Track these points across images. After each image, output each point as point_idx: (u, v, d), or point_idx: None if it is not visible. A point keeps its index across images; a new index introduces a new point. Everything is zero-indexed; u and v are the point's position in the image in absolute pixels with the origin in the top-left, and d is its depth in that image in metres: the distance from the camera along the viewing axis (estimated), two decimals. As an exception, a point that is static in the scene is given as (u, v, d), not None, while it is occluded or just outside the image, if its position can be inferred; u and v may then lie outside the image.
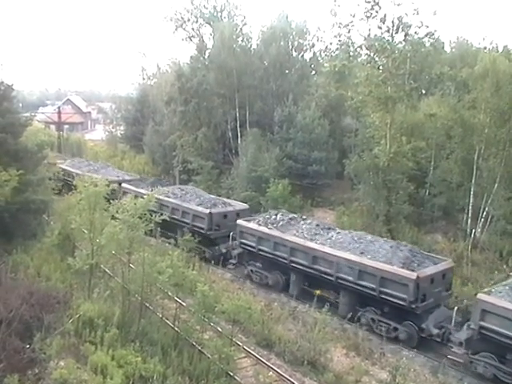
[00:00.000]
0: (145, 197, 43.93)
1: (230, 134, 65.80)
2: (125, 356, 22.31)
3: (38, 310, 23.31)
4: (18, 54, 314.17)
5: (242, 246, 39.97)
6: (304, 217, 40.91)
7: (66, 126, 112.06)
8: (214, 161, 62.56)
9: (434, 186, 48.29)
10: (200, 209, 43.80)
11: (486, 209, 43.72)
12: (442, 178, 47.51)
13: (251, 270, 39.57)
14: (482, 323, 26.08)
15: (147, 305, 28.31)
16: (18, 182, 33.37)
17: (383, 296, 30.26)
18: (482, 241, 43.30)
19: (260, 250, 38.03)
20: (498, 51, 59.01)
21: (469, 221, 45.07)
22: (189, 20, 71.17)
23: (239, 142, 63.29)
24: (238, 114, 64.03)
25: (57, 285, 29.12)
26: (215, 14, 70.78)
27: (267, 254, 37.50)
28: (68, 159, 73.08)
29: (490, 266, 38.39)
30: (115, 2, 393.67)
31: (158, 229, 42.11)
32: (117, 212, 27.14)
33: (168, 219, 43.64)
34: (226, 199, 48.71)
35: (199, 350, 25.62)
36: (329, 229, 37.57)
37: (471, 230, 44.34)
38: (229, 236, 41.83)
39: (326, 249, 33.67)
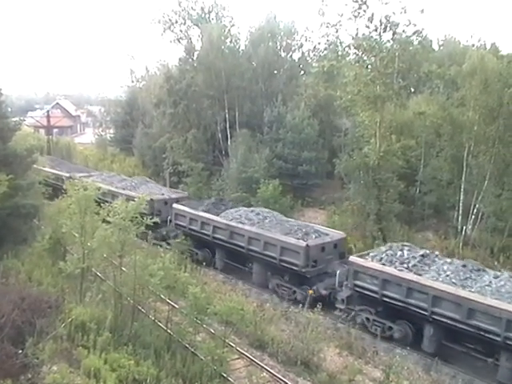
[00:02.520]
0: (210, 222, 41.64)
1: (220, 135, 65.66)
2: (118, 359, 22.27)
3: (29, 314, 23.21)
4: (6, 58, 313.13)
5: (357, 289, 31.38)
6: (437, 253, 33.63)
7: (56, 130, 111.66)
8: (204, 162, 62.43)
9: (425, 184, 48.42)
10: (293, 240, 35.33)
11: (477, 206, 43.90)
12: (432, 175, 47.65)
13: (367, 319, 31.35)
14: None
15: (139, 308, 28.21)
16: (8, 186, 33.27)
17: None
18: (472, 238, 43.50)
19: (384, 295, 29.76)
20: (485, 48, 59.31)
21: (459, 218, 45.22)
22: (177, 22, 71.07)
23: (229, 143, 63.14)
24: (227, 115, 63.95)
25: (48, 289, 29.01)
26: (203, 16, 70.67)
27: (395, 302, 29.35)
28: (95, 173, 64.94)
29: (482, 262, 38.37)
30: (103, 5, 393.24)
31: (224, 259, 41.93)
32: (108, 215, 27.07)
33: (231, 246, 40.14)
34: (314, 225, 41.05)
35: (192, 352, 25.60)
36: (478, 270, 29.95)
37: (462, 228, 44.52)
38: (326, 273, 35.27)
39: (491, 301, 26.09)
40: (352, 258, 32.09)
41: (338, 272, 33.50)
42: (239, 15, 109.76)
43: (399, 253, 32.02)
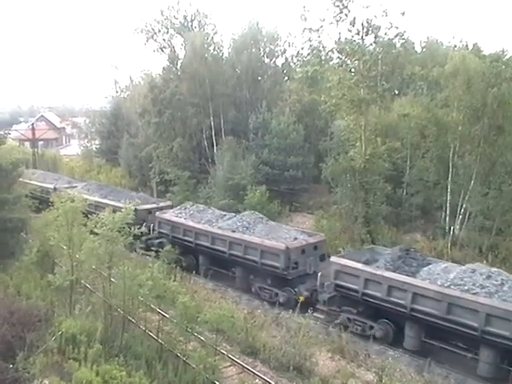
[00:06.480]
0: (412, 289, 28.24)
1: (206, 143, 65.61)
2: (109, 371, 22.11)
3: (19, 328, 23.13)
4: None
5: None
6: None
7: (41, 143, 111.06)
8: (190, 170, 62.36)
9: (411, 186, 48.59)
10: None
11: (464, 205, 44.04)
12: (419, 177, 47.83)
13: None
14: None
15: (130, 318, 28.08)
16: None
17: None
18: (461, 238, 43.63)
19: None
20: (468, 49, 59.61)
21: (447, 218, 45.36)
22: (159, 31, 71.03)
23: (215, 150, 63.07)
24: (212, 123, 63.85)
25: (38, 303, 28.82)
26: (186, 24, 70.61)
27: None
28: (163, 203, 52.29)
29: (470, 262, 38.54)
30: (86, 16, 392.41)
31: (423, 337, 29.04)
32: (95, 227, 26.98)
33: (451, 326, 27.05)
34: None
35: (184, 361, 25.43)
36: None
37: (450, 228, 44.64)
38: None
39: None
40: None
41: None
42: (222, 23, 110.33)
43: None
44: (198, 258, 42.37)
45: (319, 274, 34.24)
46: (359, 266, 30.92)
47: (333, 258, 32.71)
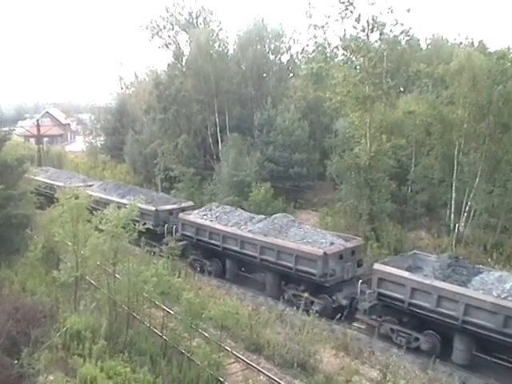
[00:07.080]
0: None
1: (211, 139, 65.68)
2: (114, 367, 22.21)
3: (24, 324, 23.17)
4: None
5: None
6: None
7: (46, 139, 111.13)
8: (195, 167, 62.33)
9: (416, 183, 48.48)
10: None
11: (469, 203, 43.92)
12: (424, 174, 47.72)
13: None
14: None
15: (134, 314, 28.13)
16: (-1, 197, 33.18)
17: None
18: (465, 235, 43.52)
19: None
20: (473, 46, 59.48)
21: (452, 216, 45.24)
22: (165, 27, 71.09)
23: (220, 147, 63.14)
24: (217, 120, 63.91)
25: (42, 299, 28.95)
26: (191, 21, 70.64)
27: None
28: (192, 207, 48.54)
29: (475, 260, 38.43)
30: (91, 13, 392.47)
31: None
32: (100, 223, 27.02)
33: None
34: None
35: (188, 358, 25.48)
36: None
37: (455, 225, 44.52)
38: None
39: None
40: None
41: None
42: (227, 19, 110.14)
43: None
44: (224, 262, 40.93)
45: (360, 281, 32.97)
46: (406, 274, 29.34)
47: (376, 266, 31.00)
